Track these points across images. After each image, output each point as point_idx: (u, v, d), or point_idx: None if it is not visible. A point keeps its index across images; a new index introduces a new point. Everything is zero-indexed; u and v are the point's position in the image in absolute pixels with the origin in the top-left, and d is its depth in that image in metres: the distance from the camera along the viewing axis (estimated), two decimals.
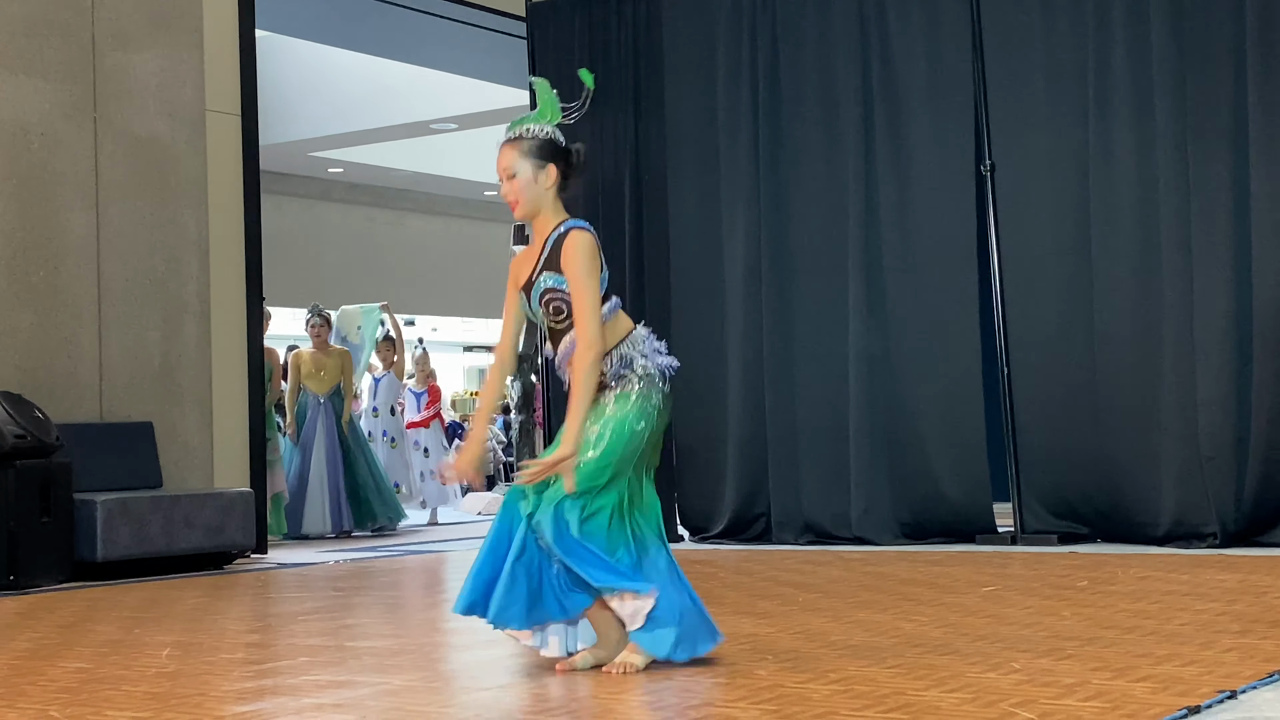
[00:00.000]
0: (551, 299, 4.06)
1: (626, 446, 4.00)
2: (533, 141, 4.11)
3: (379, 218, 19.74)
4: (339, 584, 7.19)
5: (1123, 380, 7.74)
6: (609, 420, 4.02)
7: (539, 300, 4.09)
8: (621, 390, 4.06)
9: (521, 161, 4.09)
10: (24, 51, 8.08)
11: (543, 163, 4.10)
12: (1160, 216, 7.62)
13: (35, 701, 3.83)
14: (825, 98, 8.71)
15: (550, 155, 4.11)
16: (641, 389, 4.06)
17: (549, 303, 4.07)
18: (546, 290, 4.06)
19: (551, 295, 4.05)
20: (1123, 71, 7.76)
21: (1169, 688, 3.49)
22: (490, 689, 3.94)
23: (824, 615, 5.10)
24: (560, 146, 4.15)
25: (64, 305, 8.14)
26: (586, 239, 4.04)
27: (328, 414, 10.89)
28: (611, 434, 4.00)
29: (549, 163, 4.10)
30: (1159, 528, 7.56)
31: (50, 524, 7.31)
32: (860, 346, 8.41)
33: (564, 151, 4.15)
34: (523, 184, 4.09)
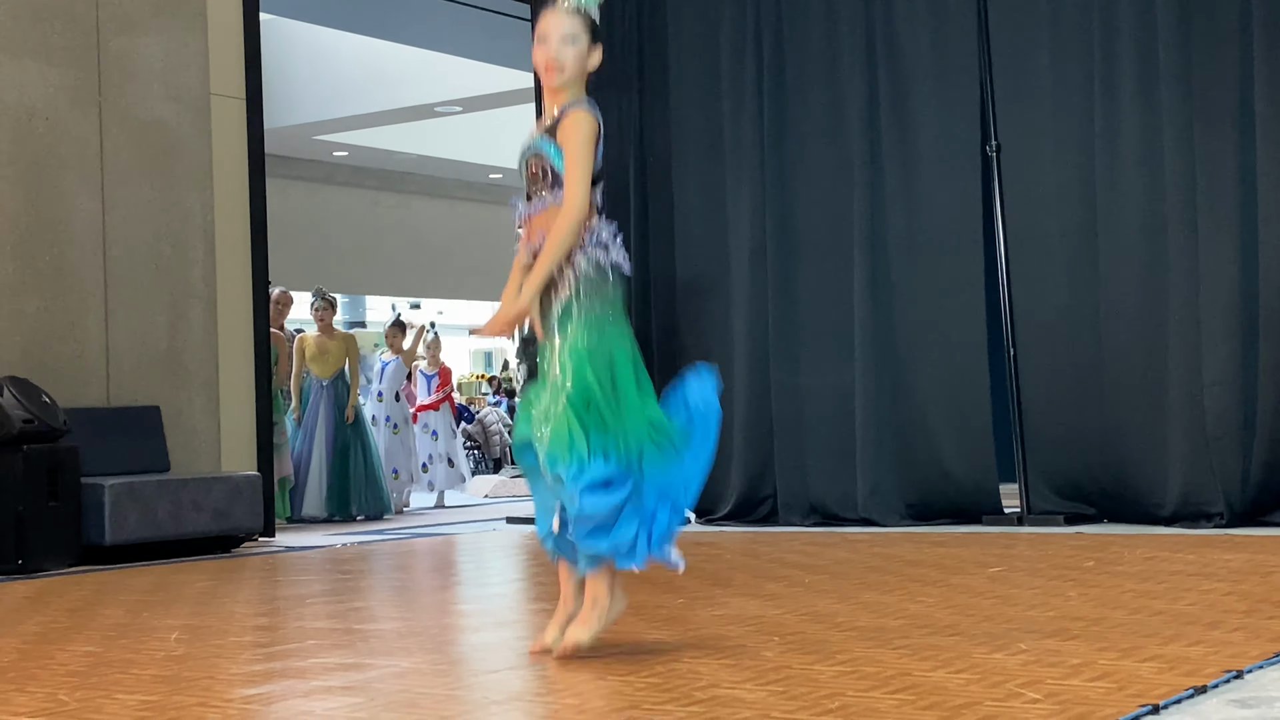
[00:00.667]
0: (530, 160, 4.06)
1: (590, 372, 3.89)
2: (589, 19, 4.10)
3: (384, 201, 19.74)
4: (346, 567, 7.21)
5: (1129, 360, 7.74)
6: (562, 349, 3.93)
7: (523, 160, 4.09)
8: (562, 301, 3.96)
9: (584, 32, 4.07)
10: (29, 35, 8.07)
11: (596, 42, 4.10)
12: (1166, 196, 7.61)
13: (44, 685, 3.85)
14: (830, 78, 8.70)
15: (599, 38, 4.12)
16: (580, 296, 3.96)
17: (530, 163, 4.06)
18: (533, 153, 4.06)
19: (535, 158, 4.06)
20: (1129, 50, 7.74)
21: (1175, 667, 3.49)
22: (498, 671, 3.95)
23: (830, 596, 5.10)
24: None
25: (70, 290, 8.15)
26: (588, 116, 4.02)
27: (329, 398, 10.90)
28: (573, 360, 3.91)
29: (598, 44, 4.11)
30: (1165, 508, 7.56)
31: (58, 508, 7.33)
32: (866, 328, 8.41)
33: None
34: (577, 54, 4.05)
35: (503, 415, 19.23)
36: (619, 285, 4.03)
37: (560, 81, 4.07)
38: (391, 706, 3.45)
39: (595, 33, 4.10)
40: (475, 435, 18.68)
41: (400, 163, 19.02)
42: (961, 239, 8.27)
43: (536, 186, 4.07)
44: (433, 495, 12.68)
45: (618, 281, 4.03)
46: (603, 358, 3.94)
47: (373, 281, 20.44)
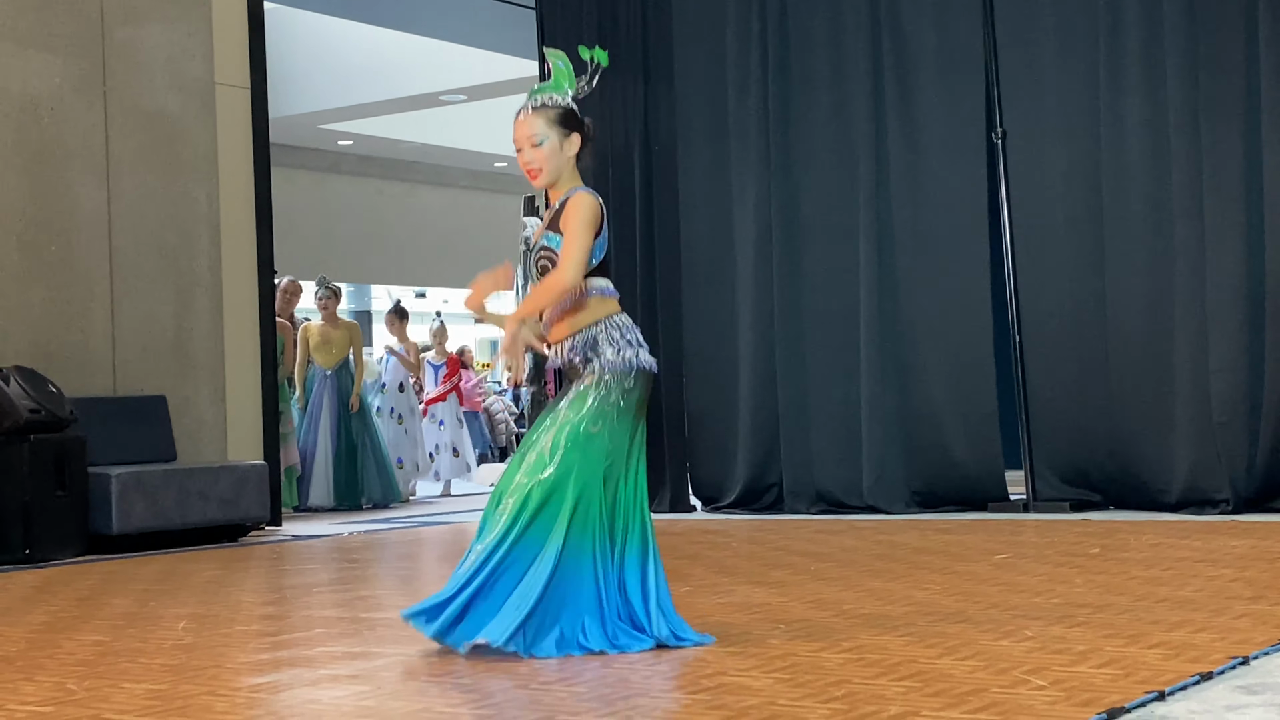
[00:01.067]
0: (541, 257, 4.09)
1: (583, 455, 3.93)
2: (557, 110, 4.13)
3: (389, 190, 19.73)
4: (353, 556, 7.22)
5: (1135, 347, 7.74)
6: (562, 428, 3.97)
7: (533, 258, 4.12)
8: (581, 386, 4.01)
9: (548, 129, 4.10)
10: (33, 25, 8.07)
11: (568, 131, 4.11)
12: (1172, 184, 7.60)
13: (53, 674, 3.86)
14: (835, 66, 8.68)
15: (574, 124, 4.13)
16: (602, 386, 3.99)
17: (539, 260, 4.09)
18: (541, 248, 4.09)
19: (543, 254, 4.08)
20: (1135, 38, 7.72)
21: (1181, 654, 3.49)
22: (503, 660, 3.95)
23: (836, 584, 5.11)
24: (579, 117, 4.17)
25: (76, 280, 8.16)
26: (589, 199, 4.05)
27: (333, 387, 10.91)
28: (566, 443, 3.94)
29: (573, 131, 4.12)
30: (1171, 494, 7.56)
31: (65, 498, 7.35)
32: (871, 315, 8.40)
33: (581, 122, 4.16)
34: (549, 152, 4.09)
35: (508, 404, 19.23)
36: (642, 385, 4.05)
37: (542, 183, 4.14)
38: (398, 695, 3.46)
39: (567, 119, 4.11)
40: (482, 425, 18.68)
41: (405, 151, 19.02)
42: (967, 226, 8.26)
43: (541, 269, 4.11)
44: (439, 484, 12.69)
45: (642, 382, 4.04)
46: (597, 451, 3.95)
47: (378, 270, 20.44)
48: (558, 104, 4.14)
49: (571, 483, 3.92)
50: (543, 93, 4.18)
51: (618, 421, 3.99)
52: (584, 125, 4.16)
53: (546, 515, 3.92)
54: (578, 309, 4.06)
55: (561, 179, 4.13)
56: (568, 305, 4.07)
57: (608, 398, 3.99)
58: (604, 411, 3.97)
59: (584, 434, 3.95)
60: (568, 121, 4.12)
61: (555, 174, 4.12)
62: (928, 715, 2.93)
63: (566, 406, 4.01)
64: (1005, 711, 2.93)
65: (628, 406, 4.01)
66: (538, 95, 4.17)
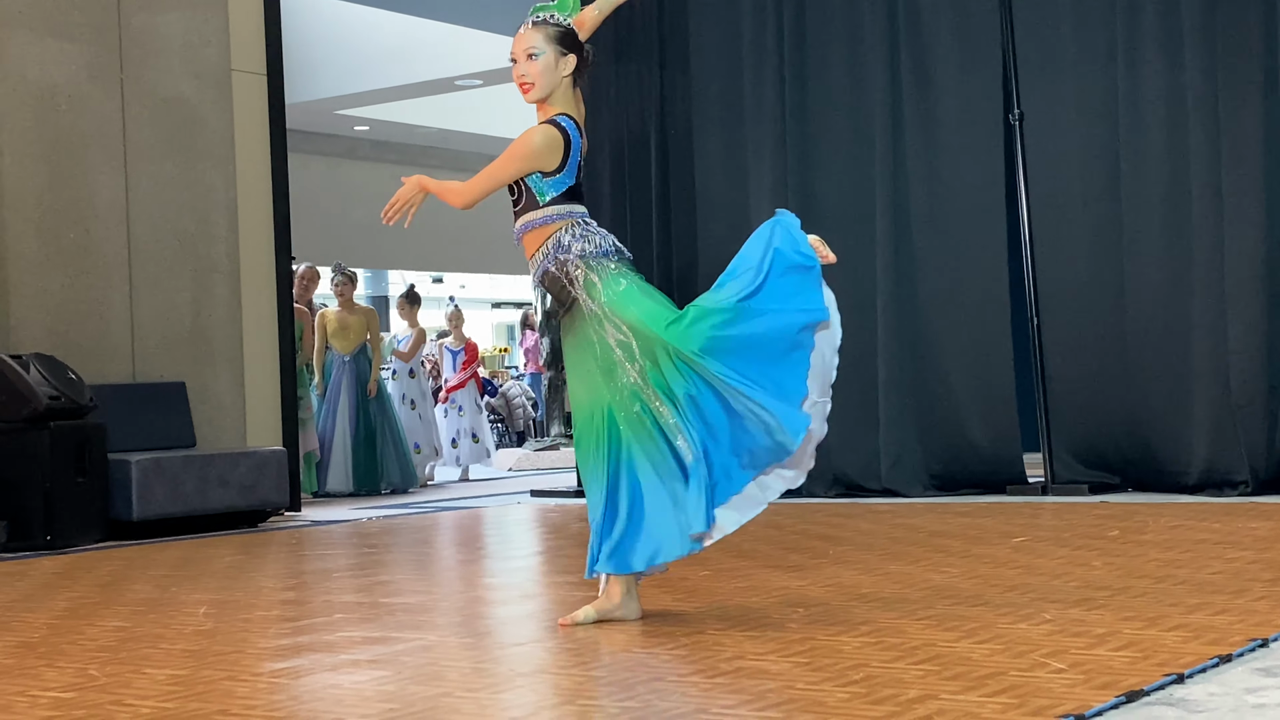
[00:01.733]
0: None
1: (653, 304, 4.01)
2: (558, 28, 4.17)
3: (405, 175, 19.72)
4: (372, 541, 7.24)
5: (1153, 328, 7.71)
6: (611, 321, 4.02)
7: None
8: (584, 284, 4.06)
9: (547, 44, 4.14)
10: (50, 13, 8.09)
11: (565, 50, 4.15)
12: (1190, 163, 7.57)
13: (74, 660, 3.88)
14: (852, 47, 8.66)
15: (572, 45, 4.16)
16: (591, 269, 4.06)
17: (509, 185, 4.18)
18: None
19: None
20: (1152, 16, 7.69)
21: (1200, 636, 3.49)
22: (524, 644, 3.97)
23: (854, 568, 5.11)
24: (578, 41, 4.19)
25: (95, 267, 8.19)
26: (542, 130, 4.09)
27: (351, 373, 10.94)
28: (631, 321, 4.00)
29: (571, 52, 4.15)
30: (1190, 476, 7.54)
31: (86, 484, 7.38)
32: (888, 297, 8.39)
33: (579, 45, 4.19)
34: (544, 67, 4.13)
35: (525, 389, 19.25)
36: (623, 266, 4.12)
37: (533, 97, 4.18)
38: (419, 680, 3.47)
39: (565, 40, 4.14)
40: (499, 408, 18.71)
41: (422, 137, 19.02)
42: (984, 208, 8.24)
43: (514, 201, 4.19)
44: (458, 470, 12.72)
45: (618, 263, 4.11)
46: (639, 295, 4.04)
47: (395, 256, 20.46)
48: (559, 22, 4.18)
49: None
50: (545, 9, 4.22)
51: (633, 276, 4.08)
52: (583, 49, 4.19)
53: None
54: (543, 228, 4.13)
55: (553, 99, 4.17)
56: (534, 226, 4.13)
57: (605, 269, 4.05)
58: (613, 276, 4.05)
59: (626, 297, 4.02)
60: (565, 41, 4.15)
61: (546, 90, 4.15)
62: (946, 699, 2.93)
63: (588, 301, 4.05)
64: (1024, 694, 2.94)
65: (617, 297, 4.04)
66: (540, 11, 4.22)
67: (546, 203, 4.13)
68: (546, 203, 4.13)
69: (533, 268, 4.19)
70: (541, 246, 4.14)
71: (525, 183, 4.13)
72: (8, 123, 7.88)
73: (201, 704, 3.24)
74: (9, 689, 3.52)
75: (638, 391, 4.00)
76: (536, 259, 4.15)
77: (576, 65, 4.17)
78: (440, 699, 3.22)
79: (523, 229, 4.18)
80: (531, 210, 4.15)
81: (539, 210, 4.14)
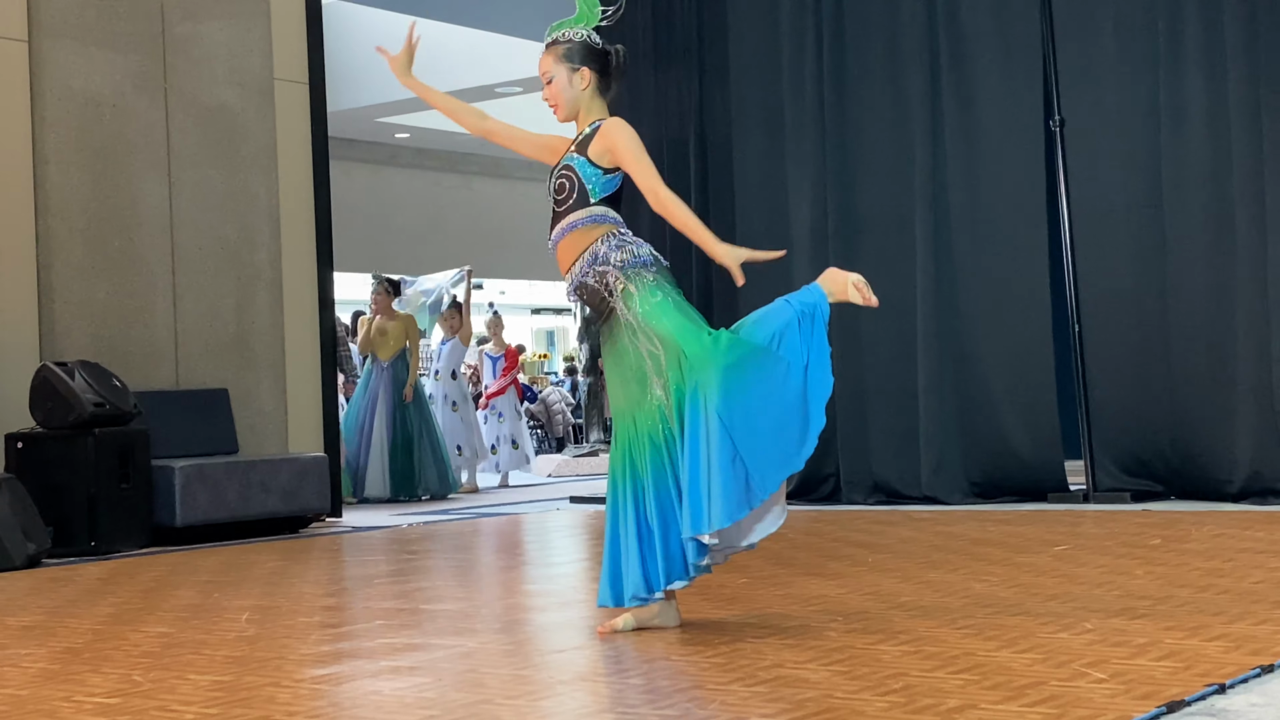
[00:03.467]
0: (561, 175, 4.18)
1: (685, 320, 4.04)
2: (568, 45, 4.23)
3: (446, 182, 19.82)
4: (413, 547, 7.27)
5: (1196, 336, 7.67)
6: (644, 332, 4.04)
7: (551, 177, 4.21)
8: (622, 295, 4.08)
9: (557, 65, 4.22)
10: (95, 24, 8.17)
11: (576, 66, 4.21)
12: (1233, 170, 7.52)
13: (119, 666, 3.92)
14: (891, 54, 8.65)
15: (585, 58, 4.22)
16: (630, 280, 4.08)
17: (558, 178, 4.18)
18: (562, 167, 4.18)
19: (563, 172, 4.17)
20: (1194, 23, 7.65)
21: (1242, 646, 3.47)
22: (564, 650, 3.98)
23: (894, 576, 5.10)
24: (596, 49, 4.24)
25: (139, 274, 8.26)
26: (624, 125, 4.14)
27: (389, 379, 11.00)
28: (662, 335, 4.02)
29: (583, 66, 4.21)
30: (1233, 485, 7.50)
31: (129, 490, 7.44)
32: (929, 305, 8.37)
33: (601, 54, 4.24)
34: (559, 87, 4.22)
35: (565, 395, 19.28)
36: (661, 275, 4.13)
37: (560, 117, 4.28)
38: (459, 686, 3.49)
39: (573, 54, 4.20)
40: (539, 415, 18.75)
41: (462, 143, 19.09)
42: (1025, 215, 8.21)
43: (560, 200, 4.17)
44: (497, 476, 12.76)
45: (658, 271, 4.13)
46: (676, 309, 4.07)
47: (435, 262, 20.48)
48: (567, 39, 4.23)
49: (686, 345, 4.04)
50: (556, 29, 4.28)
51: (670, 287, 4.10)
52: (608, 55, 4.23)
53: None
54: (584, 231, 4.13)
55: (583, 111, 4.23)
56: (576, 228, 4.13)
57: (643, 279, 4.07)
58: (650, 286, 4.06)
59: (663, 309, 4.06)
60: (578, 56, 4.20)
61: (569, 108, 4.23)
62: (986, 708, 2.93)
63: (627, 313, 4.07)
64: (1064, 705, 2.93)
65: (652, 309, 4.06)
66: (553, 31, 4.28)
67: (596, 201, 4.14)
68: (596, 201, 4.14)
69: (569, 280, 4.19)
70: (578, 259, 4.14)
71: (580, 177, 4.14)
72: (53, 132, 7.96)
73: (244, 710, 3.26)
74: (54, 694, 3.56)
75: (662, 409, 4.01)
76: (573, 272, 4.16)
77: (599, 74, 4.20)
78: (480, 706, 3.23)
79: (565, 230, 4.16)
80: (579, 209, 4.14)
81: (585, 209, 4.14)
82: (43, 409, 7.37)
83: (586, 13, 4.26)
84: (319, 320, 9.23)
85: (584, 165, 4.14)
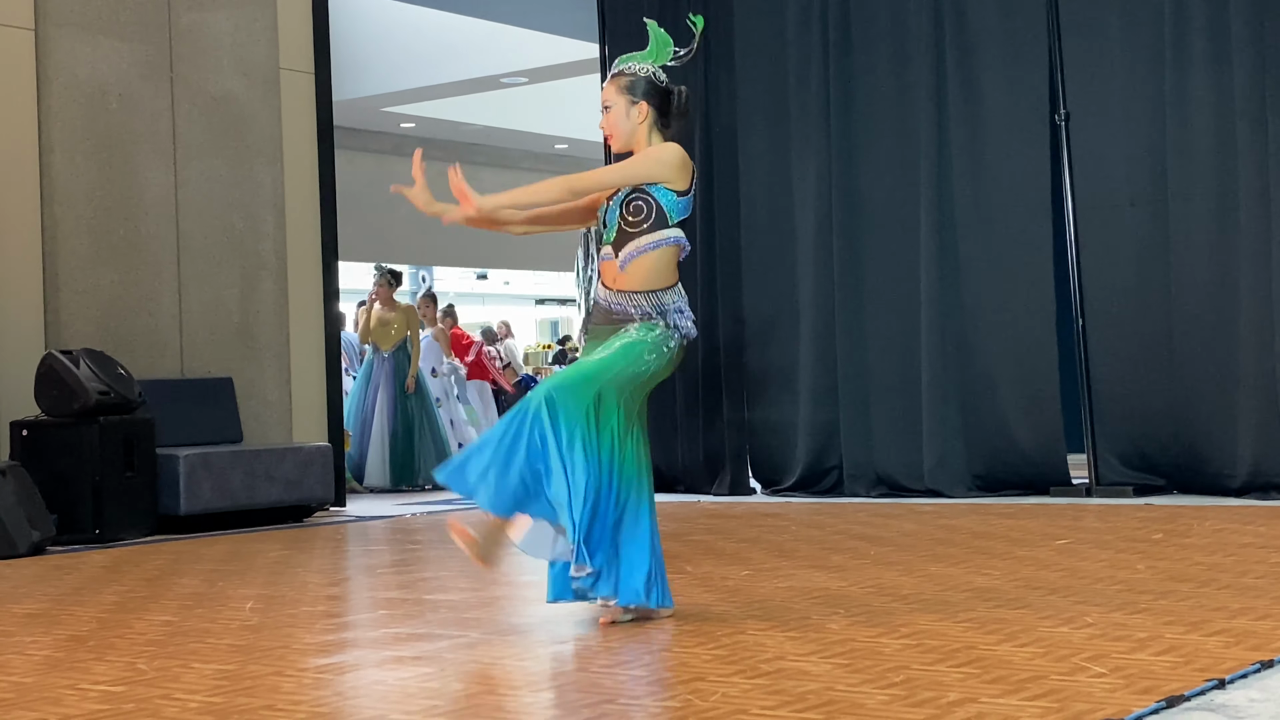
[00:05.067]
0: (634, 199, 4.22)
1: (628, 369, 4.11)
2: (631, 78, 4.32)
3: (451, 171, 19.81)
4: (416, 537, 7.29)
5: (1199, 330, 7.67)
6: (625, 340, 4.15)
7: (621, 203, 4.24)
8: (647, 324, 4.17)
9: (618, 96, 4.32)
10: (101, 13, 8.18)
11: (636, 99, 4.30)
12: (1238, 166, 7.52)
13: (124, 654, 3.94)
14: (896, 46, 8.65)
15: (645, 93, 4.31)
16: (664, 333, 4.18)
17: (631, 203, 4.23)
18: (634, 192, 4.23)
19: (636, 196, 4.22)
20: (1200, 18, 7.64)
21: (1242, 641, 3.48)
22: (567, 641, 3.99)
23: (896, 568, 5.12)
24: (659, 86, 4.33)
25: (144, 263, 8.27)
26: (671, 146, 4.26)
27: (390, 369, 11.01)
28: (619, 350, 4.12)
29: (642, 100, 4.29)
30: (1236, 479, 7.51)
31: (134, 478, 7.46)
32: (932, 298, 8.38)
33: (662, 91, 4.33)
34: (616, 117, 4.32)
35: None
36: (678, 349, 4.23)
37: (616, 147, 4.38)
38: (462, 677, 3.50)
39: (636, 88, 4.29)
40: None
41: (467, 134, 19.08)
42: (1029, 208, 8.21)
43: (636, 221, 4.21)
44: None
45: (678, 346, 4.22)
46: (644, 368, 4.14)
47: (440, 252, 20.53)
48: (632, 72, 4.33)
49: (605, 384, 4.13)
50: (624, 62, 4.38)
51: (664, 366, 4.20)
52: (670, 94, 4.33)
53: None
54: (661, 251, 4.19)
55: (640, 146, 4.31)
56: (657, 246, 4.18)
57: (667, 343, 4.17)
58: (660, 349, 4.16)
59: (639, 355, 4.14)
60: (639, 90, 4.29)
61: (625, 139, 4.33)
62: (986, 702, 2.94)
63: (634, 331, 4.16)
64: (1064, 699, 2.94)
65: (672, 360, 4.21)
66: (618, 64, 4.38)
67: (674, 223, 4.22)
68: (674, 223, 4.22)
69: (617, 294, 4.22)
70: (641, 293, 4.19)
71: (657, 200, 4.20)
72: (59, 121, 7.97)
73: (249, 699, 3.28)
74: (59, 682, 3.57)
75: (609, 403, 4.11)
76: (627, 294, 4.20)
77: (658, 112, 4.29)
78: (483, 696, 3.25)
79: (644, 249, 4.20)
80: (660, 229, 4.20)
81: (666, 230, 4.20)
82: (48, 397, 7.39)
83: (656, 50, 4.37)
84: (324, 310, 9.24)
85: (661, 191, 4.21)
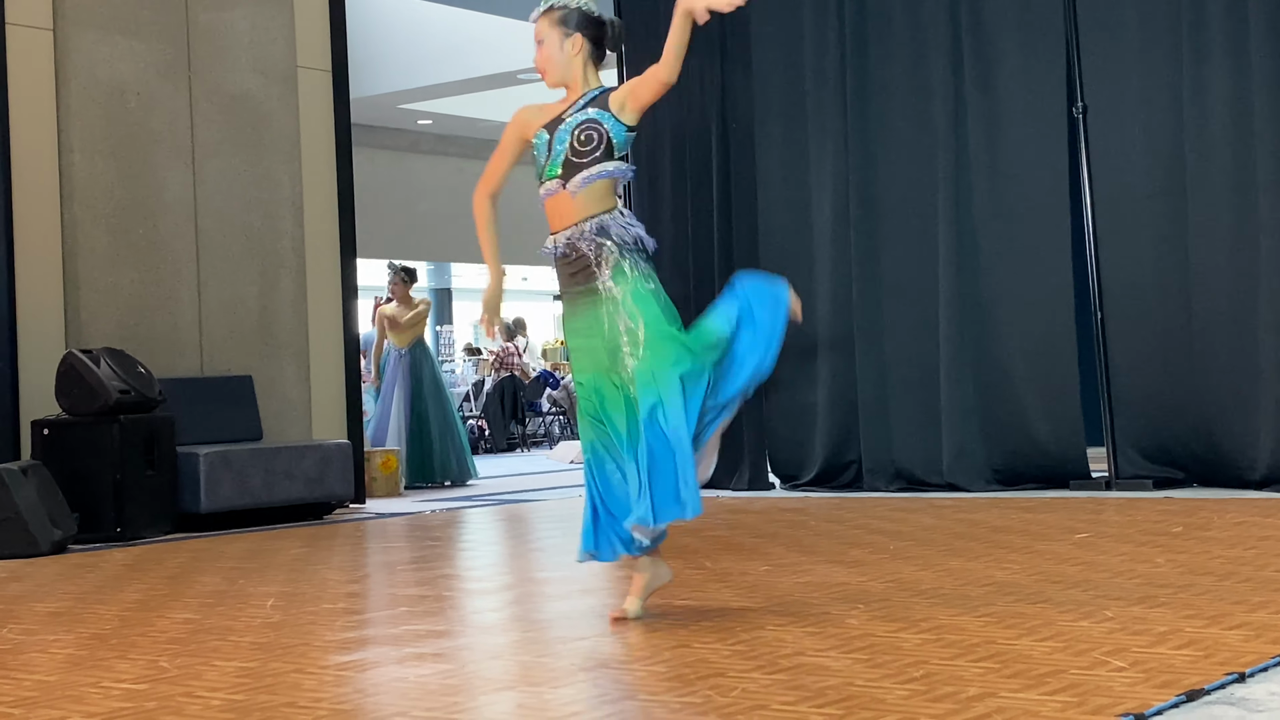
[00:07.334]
0: (587, 128, 4.17)
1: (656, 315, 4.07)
2: (563, 11, 4.27)
3: (468, 169, 19.82)
4: (435, 534, 7.31)
5: (1218, 323, 7.65)
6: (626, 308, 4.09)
7: (571, 130, 4.18)
8: (612, 270, 4.13)
9: (551, 30, 4.27)
10: (119, 12, 8.21)
11: (569, 31, 4.25)
12: (1256, 158, 7.50)
13: (146, 652, 3.96)
14: (913, 41, 8.63)
15: (578, 24, 4.26)
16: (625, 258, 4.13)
17: (584, 131, 4.17)
18: (585, 121, 4.18)
19: (588, 125, 4.17)
20: (1218, 10, 7.62)
21: (1263, 635, 3.48)
22: (586, 638, 4.00)
23: (915, 563, 5.12)
24: (592, 17, 4.28)
25: (163, 262, 8.30)
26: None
27: (407, 366, 11.03)
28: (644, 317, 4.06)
29: (576, 32, 4.24)
30: (1256, 472, 7.48)
31: (155, 477, 7.49)
32: (951, 291, 8.36)
33: (596, 22, 4.27)
34: (550, 52, 4.27)
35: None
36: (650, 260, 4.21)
37: (549, 82, 4.31)
38: (482, 673, 3.51)
39: (568, 20, 4.24)
40: (560, 401, 18.77)
41: (484, 130, 19.11)
42: (1048, 201, 8.19)
43: (587, 150, 4.17)
44: None
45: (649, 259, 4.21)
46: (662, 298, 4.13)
47: (458, 248, 20.55)
48: (564, 5, 4.28)
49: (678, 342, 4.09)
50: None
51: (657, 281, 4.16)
52: (603, 26, 4.28)
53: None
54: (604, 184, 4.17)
55: (576, 80, 4.26)
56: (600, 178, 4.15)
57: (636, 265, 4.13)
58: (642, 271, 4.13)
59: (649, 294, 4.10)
60: (570, 22, 4.25)
61: (560, 73, 4.27)
62: (1006, 696, 2.95)
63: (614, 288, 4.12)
64: (1084, 693, 2.94)
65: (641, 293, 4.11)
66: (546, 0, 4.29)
67: (619, 156, 4.20)
68: (619, 156, 4.20)
69: (565, 234, 4.21)
70: (584, 221, 4.17)
71: (608, 132, 4.16)
72: (78, 120, 8.00)
73: (270, 696, 3.29)
74: (82, 680, 3.59)
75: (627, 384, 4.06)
76: (574, 230, 4.18)
77: (593, 43, 4.24)
78: (502, 692, 3.26)
79: (591, 178, 4.16)
80: (606, 161, 4.16)
81: (612, 161, 4.17)
82: (68, 396, 7.43)
83: None
84: (342, 307, 9.27)
85: (610, 119, 4.17)
